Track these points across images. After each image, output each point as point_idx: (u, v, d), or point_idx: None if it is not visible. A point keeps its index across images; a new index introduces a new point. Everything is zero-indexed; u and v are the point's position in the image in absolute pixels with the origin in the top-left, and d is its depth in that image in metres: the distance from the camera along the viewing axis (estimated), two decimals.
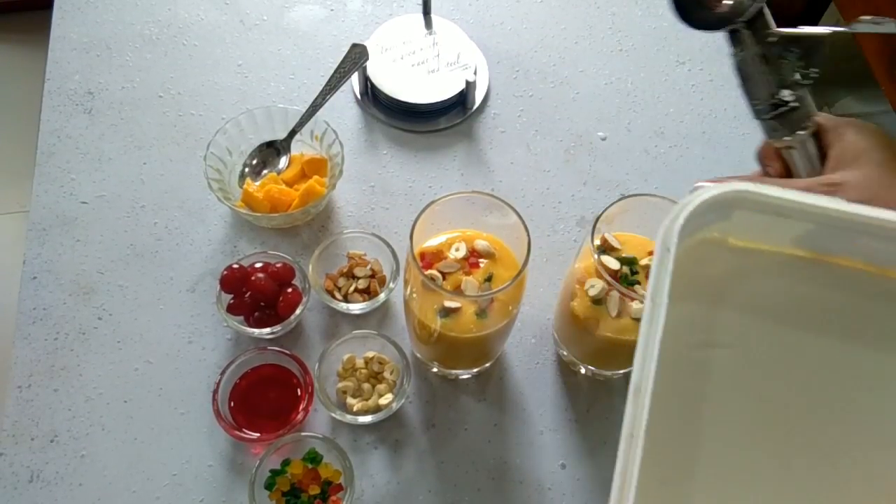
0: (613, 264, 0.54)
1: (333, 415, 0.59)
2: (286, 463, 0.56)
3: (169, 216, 0.70)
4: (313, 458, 0.56)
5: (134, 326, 0.65)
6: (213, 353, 0.64)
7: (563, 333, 0.63)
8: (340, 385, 0.61)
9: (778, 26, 0.48)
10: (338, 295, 0.64)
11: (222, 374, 0.59)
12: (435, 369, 0.64)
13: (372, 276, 0.65)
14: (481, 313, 0.54)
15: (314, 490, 0.55)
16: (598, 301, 0.54)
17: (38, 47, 0.87)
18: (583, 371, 0.64)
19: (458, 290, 0.54)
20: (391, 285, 0.64)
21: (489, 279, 0.55)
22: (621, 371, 0.63)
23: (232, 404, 0.60)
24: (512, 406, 0.63)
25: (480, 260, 0.56)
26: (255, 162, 0.72)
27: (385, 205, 0.72)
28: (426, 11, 0.81)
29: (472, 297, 0.54)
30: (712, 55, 0.83)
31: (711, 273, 0.47)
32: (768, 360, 0.47)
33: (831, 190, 0.44)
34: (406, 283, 0.55)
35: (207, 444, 0.60)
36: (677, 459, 0.43)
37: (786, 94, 0.45)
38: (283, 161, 0.72)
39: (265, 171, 0.71)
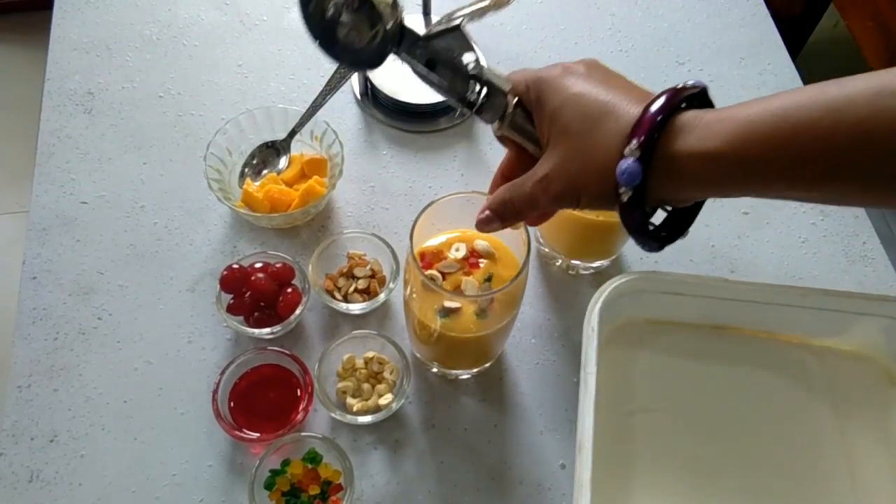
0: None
1: (333, 415, 0.59)
2: (286, 463, 0.56)
3: (169, 216, 0.70)
4: (313, 459, 0.56)
5: (134, 326, 0.65)
6: (213, 353, 0.64)
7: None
8: (340, 385, 0.61)
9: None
10: (338, 295, 0.64)
11: (222, 374, 0.59)
12: (435, 369, 0.64)
13: (372, 277, 0.65)
14: (481, 313, 0.54)
15: (314, 490, 0.55)
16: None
17: (38, 47, 0.87)
18: (559, 263, 0.69)
19: (458, 290, 0.54)
20: (391, 285, 0.64)
21: (489, 279, 0.55)
22: (595, 264, 0.69)
23: (232, 404, 0.60)
24: (512, 406, 0.63)
25: (480, 260, 0.56)
26: (254, 162, 0.72)
27: (385, 205, 0.72)
28: (426, 12, 0.81)
29: (472, 297, 0.54)
30: (712, 56, 0.83)
31: (635, 347, 0.58)
32: (686, 416, 0.56)
33: (543, 189, 0.42)
34: (406, 283, 0.55)
35: (207, 444, 0.60)
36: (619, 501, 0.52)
37: (470, 86, 0.45)
38: (283, 161, 0.72)
39: (265, 171, 0.71)
